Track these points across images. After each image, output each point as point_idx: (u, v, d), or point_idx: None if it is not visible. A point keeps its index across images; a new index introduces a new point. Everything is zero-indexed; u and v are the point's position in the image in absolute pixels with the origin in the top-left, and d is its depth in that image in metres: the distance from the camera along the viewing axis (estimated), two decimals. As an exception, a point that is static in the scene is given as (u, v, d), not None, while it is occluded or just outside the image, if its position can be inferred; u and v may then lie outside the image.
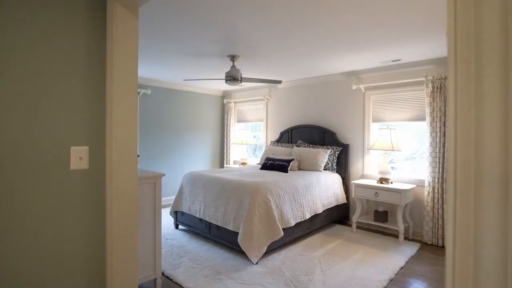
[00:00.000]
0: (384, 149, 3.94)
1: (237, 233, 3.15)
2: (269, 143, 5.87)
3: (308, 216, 3.68)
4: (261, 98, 5.97)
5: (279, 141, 5.58)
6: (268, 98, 5.87)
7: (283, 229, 3.25)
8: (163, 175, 2.51)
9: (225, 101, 6.62)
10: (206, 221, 3.62)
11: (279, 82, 3.67)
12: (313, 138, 5.04)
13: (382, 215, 4.00)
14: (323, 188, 4.11)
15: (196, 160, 6.34)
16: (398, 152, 3.98)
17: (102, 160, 1.67)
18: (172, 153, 5.91)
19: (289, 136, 5.42)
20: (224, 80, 3.93)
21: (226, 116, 6.59)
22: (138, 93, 5.37)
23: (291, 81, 5.41)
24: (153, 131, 5.62)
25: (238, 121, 6.56)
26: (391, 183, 3.99)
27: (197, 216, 3.70)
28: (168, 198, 5.73)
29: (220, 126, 6.85)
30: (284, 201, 3.37)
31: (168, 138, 5.84)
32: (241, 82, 3.85)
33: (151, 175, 2.44)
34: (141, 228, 2.36)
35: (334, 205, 4.27)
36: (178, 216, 4.13)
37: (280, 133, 5.56)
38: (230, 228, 3.23)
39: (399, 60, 3.92)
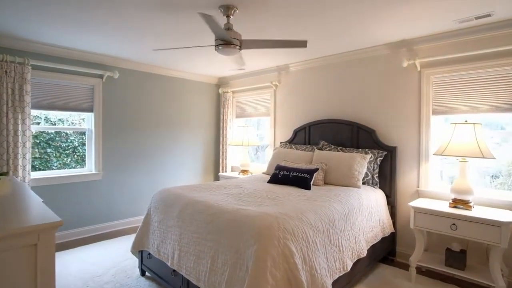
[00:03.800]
0: (464, 155, 2.50)
1: (233, 310, 1.73)
2: (278, 144, 4.44)
3: (350, 264, 2.26)
4: (267, 85, 4.54)
5: (292, 141, 4.15)
6: (276, 84, 4.44)
7: (314, 299, 1.82)
8: (58, 225, 1.09)
9: (221, 90, 5.19)
10: (182, 276, 2.19)
11: (304, 44, 2.25)
12: (342, 138, 3.61)
13: (458, 258, 2.57)
14: (366, 215, 2.68)
15: (183, 167, 4.91)
16: (491, 160, 2.55)
17: None
18: (149, 158, 4.48)
19: (306, 136, 3.99)
20: (214, 49, 2.50)
21: (222, 110, 5.15)
22: (101, 76, 3.95)
23: (310, 59, 3.97)
24: (122, 128, 4.18)
25: (237, 116, 5.13)
26: (472, 207, 2.56)
27: (169, 264, 2.27)
28: (139, 219, 4.30)
29: (215, 122, 5.42)
30: (315, 249, 1.94)
31: (143, 138, 4.41)
32: (240, 48, 2.42)
33: (25, 230, 1.02)
34: None
35: (380, 238, 2.85)
36: (144, 258, 2.71)
37: (294, 131, 4.13)
38: (221, 299, 1.80)
39: (488, 15, 2.49)
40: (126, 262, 3.04)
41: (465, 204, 2.57)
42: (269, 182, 3.21)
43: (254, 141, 4.43)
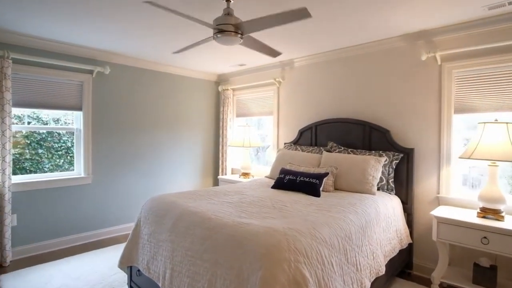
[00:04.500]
0: (496, 159, 2.20)
1: None
2: (281, 145, 4.14)
3: (368, 285, 1.95)
4: (270, 82, 4.24)
5: (297, 142, 3.85)
6: (280, 81, 4.14)
7: (330, 331, 1.52)
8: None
9: (220, 88, 4.89)
10: (174, 299, 1.90)
11: (306, 14, 1.94)
12: (352, 138, 3.31)
13: (488, 275, 2.28)
14: (384, 226, 2.38)
15: (180, 170, 4.61)
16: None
17: None
18: (143, 160, 4.18)
19: (312, 136, 3.69)
20: (211, 36, 2.20)
21: (221, 109, 4.86)
22: (91, 72, 3.65)
23: (316, 54, 3.67)
24: (113, 128, 3.88)
25: (238, 115, 4.83)
26: (504, 217, 2.26)
27: (160, 285, 1.98)
28: (129, 226, 4.01)
29: (214, 122, 5.12)
30: (331, 271, 1.64)
31: (137, 139, 4.11)
32: (242, 37, 2.12)
33: None
34: None
35: (398, 250, 2.55)
36: (133, 275, 2.41)
37: (299, 131, 3.83)
38: (219, 333, 1.51)
39: (523, 0, 2.19)
40: (114, 277, 2.74)
41: (496, 214, 2.27)
42: (273, 187, 2.91)
43: (255, 142, 4.13)
